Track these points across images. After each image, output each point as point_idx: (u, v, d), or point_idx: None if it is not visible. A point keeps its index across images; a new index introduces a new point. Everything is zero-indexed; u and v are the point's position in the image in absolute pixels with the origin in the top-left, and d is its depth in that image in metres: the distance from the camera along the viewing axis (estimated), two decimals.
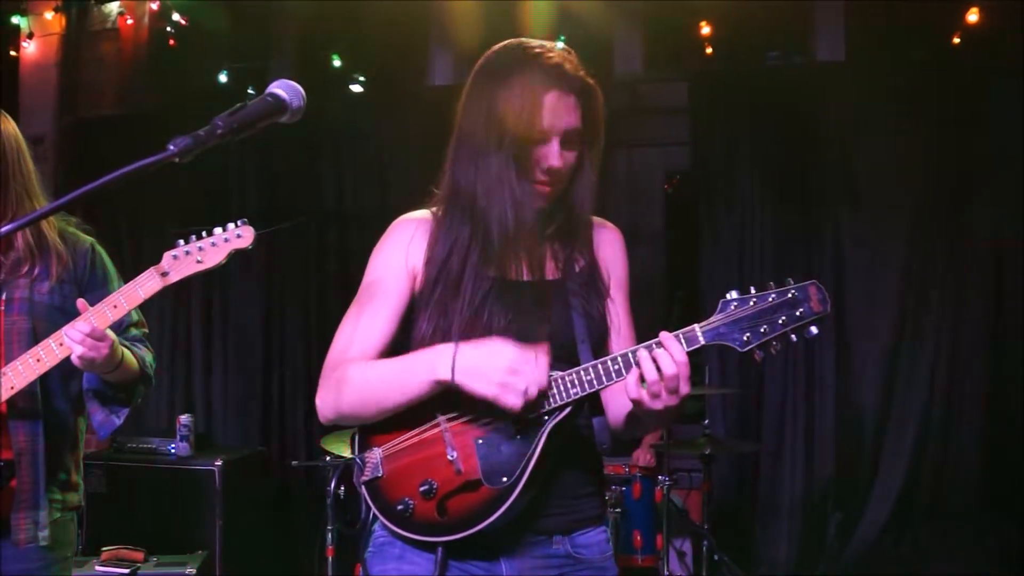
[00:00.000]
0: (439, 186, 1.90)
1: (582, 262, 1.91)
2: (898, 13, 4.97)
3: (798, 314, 1.63)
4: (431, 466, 1.75)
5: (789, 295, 1.63)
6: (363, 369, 1.79)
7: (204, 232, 2.16)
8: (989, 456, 4.90)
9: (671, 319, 5.94)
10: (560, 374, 1.70)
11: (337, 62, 5.69)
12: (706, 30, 5.23)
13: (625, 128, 5.58)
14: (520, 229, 1.79)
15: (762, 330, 1.63)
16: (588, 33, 5.10)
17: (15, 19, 5.87)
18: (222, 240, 2.14)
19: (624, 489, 4.42)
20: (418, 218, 1.91)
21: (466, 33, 5.05)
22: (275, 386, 5.78)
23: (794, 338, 1.64)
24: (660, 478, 4.34)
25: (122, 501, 4.60)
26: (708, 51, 5.31)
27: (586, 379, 1.68)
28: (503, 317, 1.77)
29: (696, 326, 1.66)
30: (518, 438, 1.71)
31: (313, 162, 5.77)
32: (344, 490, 4.09)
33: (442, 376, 1.68)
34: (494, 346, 1.67)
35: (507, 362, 1.64)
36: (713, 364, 4.93)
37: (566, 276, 1.88)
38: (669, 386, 1.62)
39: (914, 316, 5.04)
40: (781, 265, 5.07)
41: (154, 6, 5.72)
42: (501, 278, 1.81)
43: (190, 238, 2.16)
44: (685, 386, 1.63)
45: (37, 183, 2.40)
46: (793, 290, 1.64)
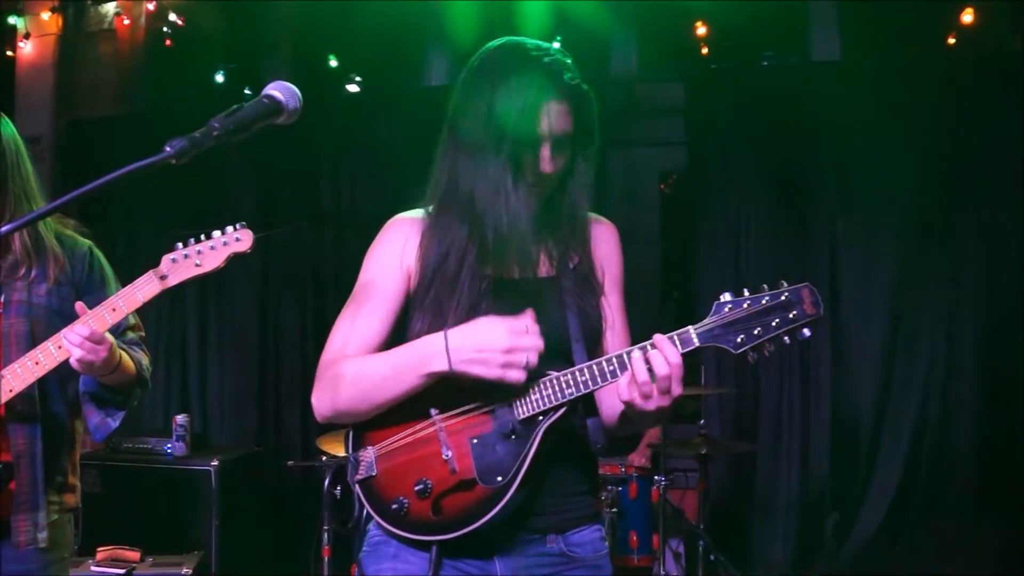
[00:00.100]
0: (432, 184, 1.90)
1: (576, 259, 1.91)
2: (893, 14, 4.98)
3: (791, 316, 1.63)
4: (426, 465, 1.75)
5: (782, 297, 1.64)
6: (357, 365, 1.79)
7: (203, 235, 2.14)
8: (985, 455, 4.91)
9: (667, 319, 5.96)
10: (555, 374, 1.70)
11: (333, 62, 5.69)
12: (702, 30, 5.25)
13: (621, 128, 5.59)
14: (516, 229, 1.79)
15: (756, 332, 1.63)
16: (584, 34, 5.10)
17: (12, 19, 5.86)
18: (221, 244, 2.13)
19: (620, 489, 4.42)
20: (412, 218, 1.91)
21: (462, 34, 5.05)
22: (271, 386, 5.79)
23: (787, 340, 1.64)
24: (656, 478, 4.34)
25: (118, 501, 4.58)
26: (704, 51, 5.32)
27: (581, 380, 1.69)
28: (497, 315, 1.77)
29: (691, 328, 1.66)
30: (513, 437, 1.71)
31: (309, 162, 5.77)
32: (340, 490, 4.09)
33: (438, 368, 1.68)
34: (483, 326, 1.68)
35: (501, 339, 1.65)
36: (709, 364, 4.93)
37: (560, 274, 1.88)
38: (661, 387, 1.63)
39: (909, 316, 5.06)
40: (776, 265, 5.08)
41: (151, 7, 5.71)
42: (497, 277, 1.82)
43: (188, 241, 2.14)
44: (677, 387, 1.64)
45: (36, 185, 2.39)
46: (786, 292, 1.64)
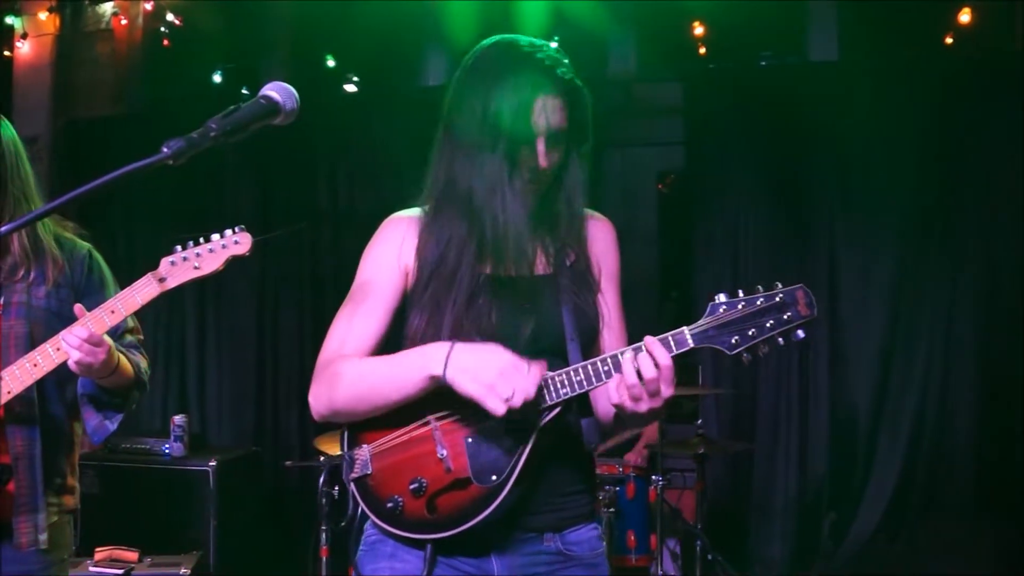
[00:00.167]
0: (428, 183, 1.91)
1: (573, 256, 1.91)
2: (891, 14, 4.98)
3: (786, 318, 1.63)
4: (421, 464, 1.75)
5: (777, 299, 1.64)
6: (357, 365, 1.79)
7: (201, 238, 2.15)
8: (983, 455, 4.91)
9: (665, 319, 5.96)
10: (551, 374, 1.70)
11: (331, 62, 5.69)
12: (700, 30, 5.25)
13: (619, 128, 5.60)
14: (513, 227, 1.79)
15: (750, 333, 1.64)
16: (582, 33, 5.10)
17: (9, 19, 5.85)
18: (220, 247, 2.14)
19: (618, 489, 4.41)
20: (409, 217, 1.92)
21: (460, 34, 5.05)
22: (269, 386, 5.79)
23: (781, 341, 1.65)
24: (654, 478, 4.33)
25: (116, 501, 4.58)
26: (702, 51, 5.32)
27: (576, 380, 1.69)
28: (493, 312, 1.78)
29: (685, 329, 1.66)
30: (508, 437, 1.71)
31: (307, 162, 5.77)
32: (338, 489, 4.09)
33: (435, 371, 1.68)
34: (490, 350, 1.67)
35: (499, 367, 1.63)
36: (707, 365, 4.94)
37: (557, 271, 1.89)
38: (650, 389, 1.63)
39: (908, 316, 5.06)
40: (775, 265, 5.08)
41: (148, 6, 5.71)
42: (494, 274, 1.82)
43: (188, 244, 2.15)
44: (668, 389, 1.64)
45: (35, 187, 2.39)
46: (781, 294, 1.65)
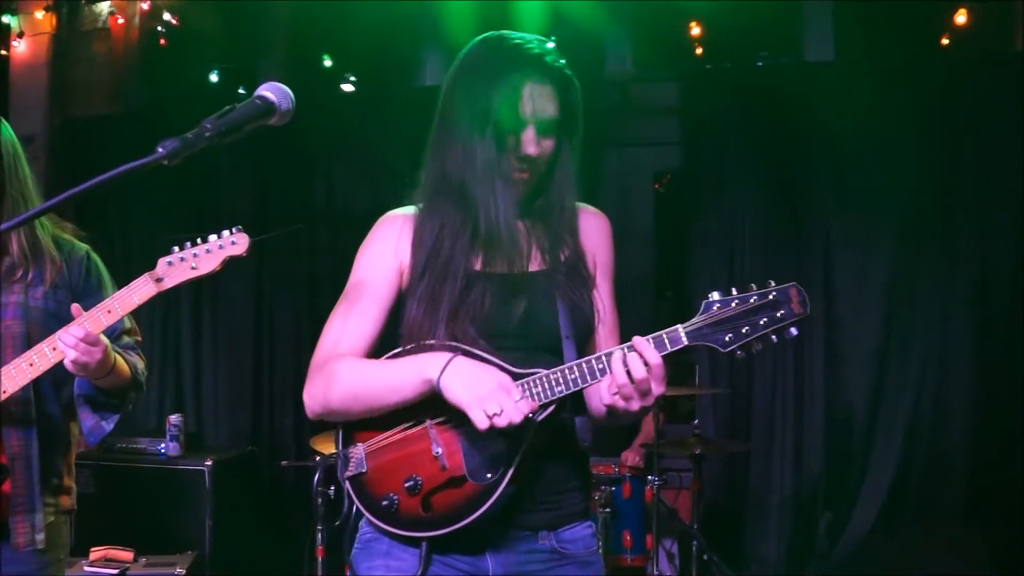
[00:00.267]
0: (423, 179, 1.92)
1: (567, 251, 1.92)
2: (887, 14, 4.98)
3: (779, 315, 1.65)
4: (416, 462, 1.76)
5: (770, 297, 1.65)
6: (354, 365, 1.80)
7: (199, 239, 2.16)
8: (978, 455, 4.91)
9: (661, 319, 5.96)
10: (546, 372, 1.71)
11: (328, 62, 5.69)
12: (696, 31, 5.25)
13: (616, 128, 5.59)
14: (506, 220, 1.80)
15: (744, 331, 1.65)
16: (579, 33, 5.10)
17: (5, 18, 5.83)
18: (217, 247, 2.15)
19: (614, 489, 4.42)
20: (404, 214, 1.93)
21: (457, 34, 5.05)
22: (265, 386, 5.78)
23: (775, 339, 1.66)
24: (650, 478, 4.34)
25: (112, 501, 4.58)
26: (698, 51, 5.32)
27: (570, 377, 1.70)
28: (488, 304, 1.79)
29: (679, 326, 1.68)
30: (503, 435, 1.71)
31: (303, 162, 5.76)
32: (334, 489, 4.09)
33: (430, 375, 1.69)
34: (489, 369, 1.69)
35: (494, 384, 1.66)
36: (703, 364, 4.94)
37: (551, 266, 1.89)
38: (640, 389, 1.64)
39: (904, 316, 5.06)
40: (771, 265, 5.07)
41: (145, 6, 5.70)
42: (488, 271, 1.83)
43: (185, 244, 2.16)
44: (658, 388, 1.65)
45: (33, 188, 2.39)
46: (774, 292, 1.66)
